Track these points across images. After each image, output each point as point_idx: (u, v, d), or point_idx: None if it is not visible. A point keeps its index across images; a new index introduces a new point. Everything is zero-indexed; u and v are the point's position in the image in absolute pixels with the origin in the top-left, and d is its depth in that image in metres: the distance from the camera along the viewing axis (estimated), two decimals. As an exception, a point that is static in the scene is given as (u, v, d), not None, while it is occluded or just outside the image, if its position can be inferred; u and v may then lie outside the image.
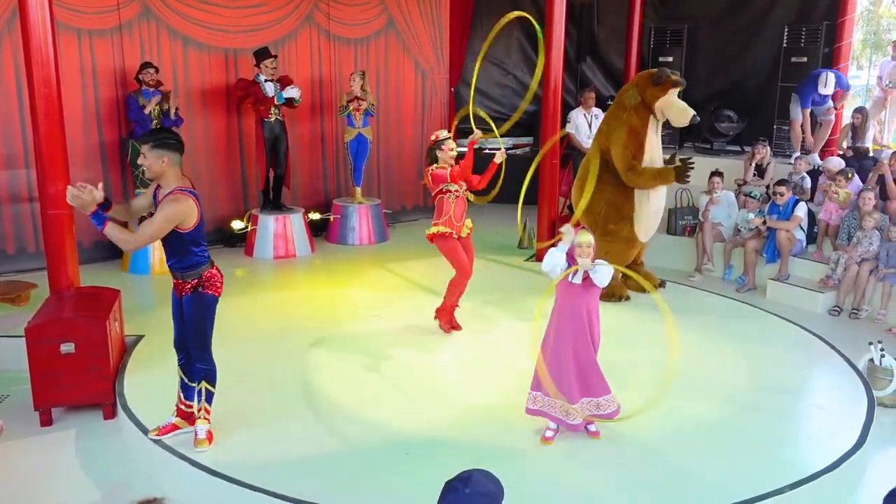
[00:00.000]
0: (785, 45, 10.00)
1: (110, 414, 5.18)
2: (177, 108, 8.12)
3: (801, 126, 9.31)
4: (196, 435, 4.45)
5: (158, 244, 4.52)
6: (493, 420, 4.88)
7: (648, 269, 7.61)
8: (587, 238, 4.35)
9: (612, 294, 7.07)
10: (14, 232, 7.98)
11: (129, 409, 4.91)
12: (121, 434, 4.96)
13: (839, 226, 7.60)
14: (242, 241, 9.04)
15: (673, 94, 6.80)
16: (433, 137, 6.35)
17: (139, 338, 6.08)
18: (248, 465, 4.28)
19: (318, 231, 9.59)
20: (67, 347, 5.00)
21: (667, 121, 7.01)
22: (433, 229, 6.18)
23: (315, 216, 9.51)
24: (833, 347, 6.15)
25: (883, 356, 5.31)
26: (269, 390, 5.29)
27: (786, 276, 7.61)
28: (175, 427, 4.56)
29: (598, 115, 9.91)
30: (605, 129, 7.21)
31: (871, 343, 5.44)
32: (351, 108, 9.22)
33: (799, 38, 9.90)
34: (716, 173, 8.36)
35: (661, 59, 10.97)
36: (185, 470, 4.29)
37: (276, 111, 8.70)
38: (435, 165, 6.17)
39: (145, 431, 4.62)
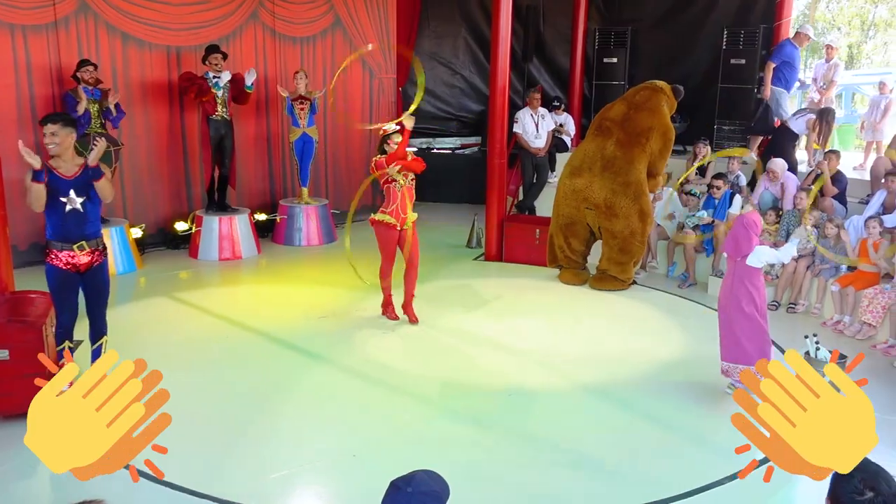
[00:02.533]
0: (724, 48, 10.25)
1: (48, 422, 5.01)
2: (117, 103, 7.91)
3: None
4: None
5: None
6: (444, 415, 4.90)
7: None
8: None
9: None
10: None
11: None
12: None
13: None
14: (186, 243, 8.87)
15: None
16: (381, 132, 6.53)
17: (77, 343, 5.91)
18: (190, 471, 4.21)
19: (264, 232, 9.47)
20: (1, 354, 4.82)
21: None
22: (379, 216, 6.33)
23: (261, 217, 9.40)
24: (771, 341, 6.31)
25: (818, 349, 5.47)
26: (212, 392, 5.21)
27: (720, 272, 7.80)
28: None
29: (544, 114, 10.01)
30: (653, 129, 7.55)
31: (806, 336, 5.60)
32: (295, 105, 9.15)
33: (738, 40, 10.15)
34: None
35: (605, 59, 11.15)
36: (122, 475, 4.18)
37: (223, 109, 8.55)
38: (376, 158, 6.31)
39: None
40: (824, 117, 8.89)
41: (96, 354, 5.13)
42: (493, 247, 8.74)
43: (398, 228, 6.35)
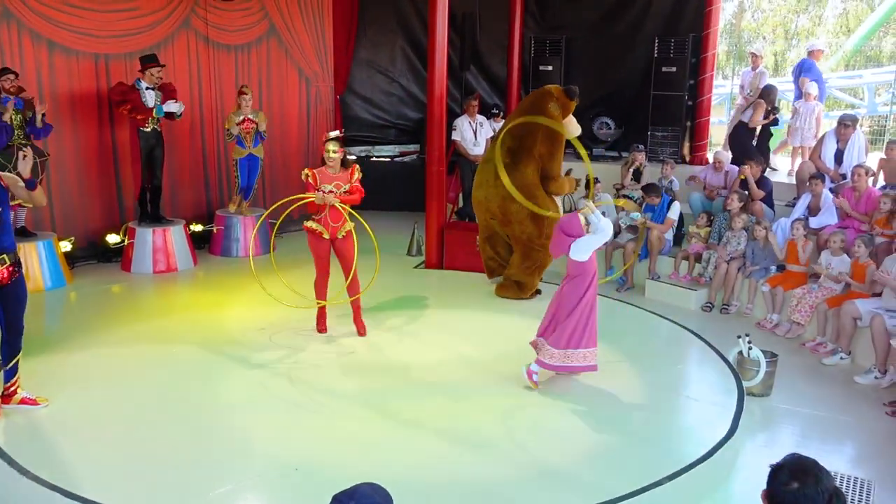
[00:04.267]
0: (656, 56, 10.51)
1: (-29, 445, 4.80)
2: (43, 115, 7.62)
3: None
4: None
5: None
6: (385, 424, 4.86)
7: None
8: (584, 219, 5.50)
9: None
10: None
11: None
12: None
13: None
14: (119, 257, 8.62)
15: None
16: (322, 137, 6.64)
17: None
18: (130, 491, 4.08)
19: (200, 243, 9.27)
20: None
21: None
22: (310, 224, 6.29)
23: (197, 228, 9.20)
24: (705, 342, 6.50)
25: (751, 348, 5.63)
26: (149, 409, 5.06)
27: (656, 275, 7.99)
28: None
29: (482, 122, 10.09)
30: (538, 139, 7.37)
31: (739, 336, 5.77)
32: (240, 130, 8.92)
33: (668, 48, 10.43)
34: (594, 180, 8.67)
35: (541, 67, 11.30)
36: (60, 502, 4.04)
37: (154, 121, 8.36)
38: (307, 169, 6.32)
39: (13, 463, 4.33)
40: (766, 96, 9.21)
41: (10, 374, 4.97)
42: (434, 254, 8.74)
43: (328, 238, 6.24)
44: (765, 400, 5.50)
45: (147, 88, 8.22)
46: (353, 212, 6.31)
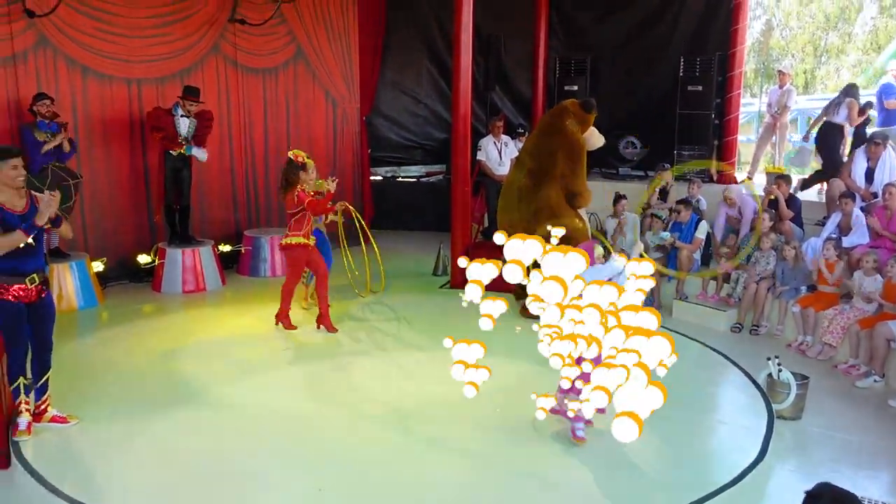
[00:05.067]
0: (681, 74, 10.47)
1: (3, 464, 4.86)
2: (70, 139, 7.81)
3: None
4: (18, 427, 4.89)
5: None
6: (408, 448, 4.86)
7: None
8: (602, 250, 5.07)
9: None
10: None
11: (24, 458, 4.66)
12: (15, 484, 4.67)
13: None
14: (150, 276, 8.74)
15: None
16: (297, 158, 6.89)
17: (30, 380, 5.77)
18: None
19: (229, 263, 9.38)
20: (-46, 394, 4.70)
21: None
22: (291, 240, 6.88)
23: (226, 248, 9.31)
24: (734, 363, 6.42)
25: (780, 370, 5.55)
26: (175, 432, 5.11)
27: (684, 295, 7.91)
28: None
29: (507, 142, 10.12)
30: (560, 158, 7.36)
31: (769, 358, 5.68)
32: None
33: (694, 67, 10.39)
34: (621, 196, 8.65)
35: (566, 87, 11.30)
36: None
37: (186, 143, 8.53)
38: (299, 187, 6.84)
39: (41, 480, 4.39)
40: (853, 94, 9.02)
41: (40, 392, 5.05)
42: (459, 274, 8.73)
43: (311, 247, 6.99)
44: (796, 423, 5.40)
45: (182, 116, 8.40)
46: (359, 218, 7.72)
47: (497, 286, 8.42)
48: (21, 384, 4.91)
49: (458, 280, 8.74)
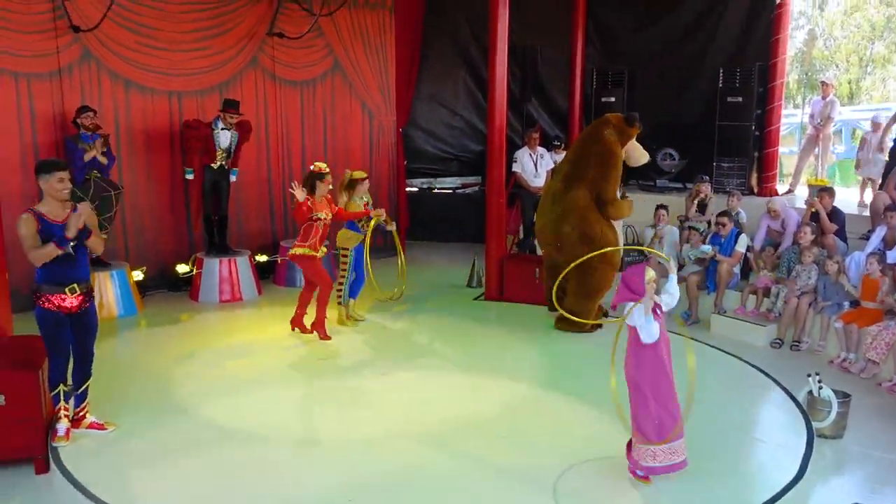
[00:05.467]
0: (720, 86, 10.33)
1: (42, 468, 4.96)
2: (108, 149, 7.98)
3: None
4: (57, 432, 4.95)
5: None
6: (440, 461, 4.83)
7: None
8: (653, 274, 4.47)
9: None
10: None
11: (62, 463, 4.75)
12: (53, 489, 4.76)
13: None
14: (188, 286, 8.87)
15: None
16: (313, 168, 7.10)
17: (70, 387, 5.88)
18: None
19: (265, 274, 9.47)
20: (-3, 400, 4.80)
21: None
22: (299, 251, 6.98)
23: (262, 258, 9.41)
24: (774, 380, 6.27)
25: (821, 388, 5.40)
26: (216, 436, 5.15)
27: (722, 309, 7.77)
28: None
29: (542, 154, 10.09)
30: (592, 163, 7.36)
31: (809, 375, 5.54)
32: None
33: (734, 78, 10.24)
34: (661, 206, 8.53)
35: (603, 99, 11.23)
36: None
37: (223, 157, 8.64)
38: (314, 197, 6.95)
39: (78, 486, 4.47)
40: None
41: (80, 399, 5.16)
42: (494, 286, 8.72)
43: (319, 257, 7.11)
44: (837, 442, 5.24)
45: (223, 129, 8.53)
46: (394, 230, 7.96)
47: (529, 297, 8.40)
48: (61, 391, 5.01)
49: (492, 292, 8.73)
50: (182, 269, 8.88)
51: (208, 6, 9.06)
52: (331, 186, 7.12)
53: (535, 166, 9.95)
